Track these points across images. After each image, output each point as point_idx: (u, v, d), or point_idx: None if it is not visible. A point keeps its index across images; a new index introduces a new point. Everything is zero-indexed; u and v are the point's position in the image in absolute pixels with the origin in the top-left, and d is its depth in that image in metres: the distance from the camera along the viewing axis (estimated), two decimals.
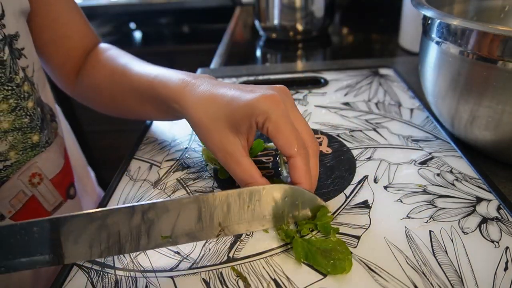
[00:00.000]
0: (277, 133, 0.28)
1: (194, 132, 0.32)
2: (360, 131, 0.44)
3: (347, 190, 0.35)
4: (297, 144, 0.28)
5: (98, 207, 0.35)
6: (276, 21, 0.81)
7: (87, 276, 0.28)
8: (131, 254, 0.30)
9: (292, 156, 0.28)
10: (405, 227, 0.30)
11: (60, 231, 0.23)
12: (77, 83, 0.45)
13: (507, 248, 0.28)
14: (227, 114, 0.29)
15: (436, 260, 0.27)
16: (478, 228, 0.30)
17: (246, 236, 0.31)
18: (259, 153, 0.41)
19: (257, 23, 0.86)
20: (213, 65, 0.76)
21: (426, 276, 0.26)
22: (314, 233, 0.30)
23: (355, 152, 0.40)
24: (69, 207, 0.43)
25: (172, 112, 0.36)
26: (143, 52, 1.50)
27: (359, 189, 0.35)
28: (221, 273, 0.28)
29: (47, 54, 0.43)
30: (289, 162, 0.29)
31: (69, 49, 0.44)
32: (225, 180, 0.37)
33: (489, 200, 0.32)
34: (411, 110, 0.48)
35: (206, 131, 0.30)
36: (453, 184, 0.35)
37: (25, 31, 0.37)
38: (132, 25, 1.54)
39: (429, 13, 0.36)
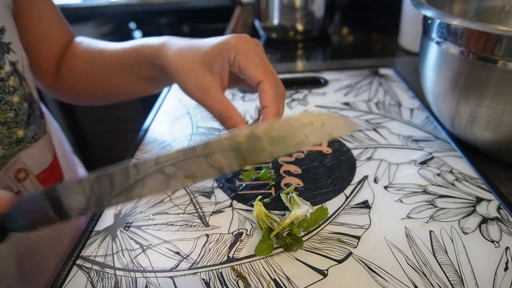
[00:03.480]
0: (247, 63, 0.31)
1: (180, 90, 0.34)
2: (360, 131, 0.44)
3: (347, 190, 0.35)
4: (266, 70, 0.31)
5: None
6: (276, 21, 0.81)
7: (87, 276, 0.28)
8: (131, 254, 0.30)
9: (261, 80, 0.30)
10: (405, 227, 0.30)
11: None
12: (57, 79, 0.46)
13: (507, 248, 0.28)
14: (202, 55, 0.32)
15: (436, 260, 0.27)
16: (478, 228, 0.30)
17: (246, 236, 0.31)
18: None
19: (257, 23, 0.86)
20: None
21: (426, 276, 0.26)
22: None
23: (355, 152, 0.40)
24: None
25: (155, 72, 0.38)
26: None
27: (359, 189, 0.35)
28: (221, 273, 0.28)
29: (30, 53, 0.43)
30: (258, 88, 0.31)
31: (51, 47, 0.44)
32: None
33: (489, 200, 0.32)
34: (411, 110, 0.48)
35: (185, 73, 0.33)
36: (453, 184, 0.35)
37: (12, 26, 0.37)
38: (132, 25, 1.54)
39: (429, 13, 0.36)
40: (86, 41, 0.46)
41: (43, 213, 0.24)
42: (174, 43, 0.35)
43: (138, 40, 0.40)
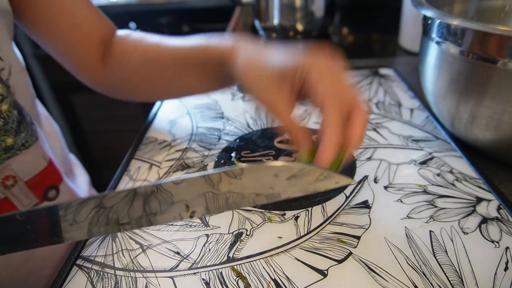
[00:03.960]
0: (315, 85, 0.29)
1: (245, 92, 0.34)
2: None
3: (347, 190, 0.35)
4: (331, 95, 0.29)
5: None
6: (276, 21, 0.81)
7: (87, 276, 0.28)
8: (131, 254, 0.30)
9: (322, 104, 0.29)
10: (405, 227, 0.30)
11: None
12: (105, 74, 0.44)
13: (507, 248, 0.28)
14: (273, 72, 0.31)
15: (436, 260, 0.27)
16: (478, 228, 0.30)
17: (246, 236, 0.31)
18: (258, 153, 0.41)
19: (257, 23, 0.86)
20: None
21: (426, 276, 0.26)
22: None
23: (355, 152, 0.40)
24: None
25: (221, 75, 0.37)
26: None
27: (359, 189, 0.35)
28: (221, 273, 0.28)
29: (61, 49, 0.42)
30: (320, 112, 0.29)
31: (81, 38, 0.42)
32: None
33: (489, 200, 0.32)
34: (411, 110, 0.48)
35: (255, 87, 0.32)
36: (453, 184, 0.35)
37: (2, 32, 0.36)
38: (132, 25, 1.54)
39: (429, 13, 0.36)
40: (136, 35, 0.44)
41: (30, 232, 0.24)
42: (243, 49, 0.34)
43: (199, 38, 0.39)
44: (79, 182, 0.51)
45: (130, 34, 0.44)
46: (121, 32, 0.44)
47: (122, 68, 0.43)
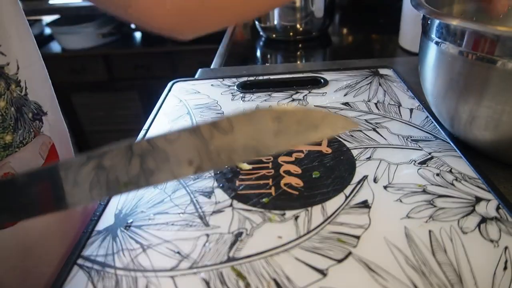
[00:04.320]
0: None
1: None
2: (360, 131, 0.44)
3: (347, 190, 0.35)
4: None
5: (96, 209, 0.35)
6: (276, 21, 0.82)
7: (88, 275, 0.28)
8: (131, 254, 0.30)
9: None
10: (405, 227, 0.30)
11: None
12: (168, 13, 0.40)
13: (506, 247, 0.28)
14: None
15: (436, 259, 0.27)
16: (477, 227, 0.30)
17: (246, 236, 0.31)
18: None
19: (257, 23, 0.86)
20: (213, 65, 0.76)
21: (425, 276, 0.26)
22: None
23: (355, 152, 0.40)
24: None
25: None
26: (143, 52, 1.50)
27: (359, 189, 0.35)
28: (221, 273, 0.28)
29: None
30: None
31: None
32: (226, 179, 0.37)
33: (489, 200, 0.33)
34: (411, 110, 0.48)
35: None
36: (452, 184, 0.35)
37: (3, 27, 0.35)
38: (132, 25, 1.54)
39: (428, 13, 0.36)
40: None
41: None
42: None
43: None
44: None
45: None
46: None
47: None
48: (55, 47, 1.54)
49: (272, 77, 0.59)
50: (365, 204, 0.33)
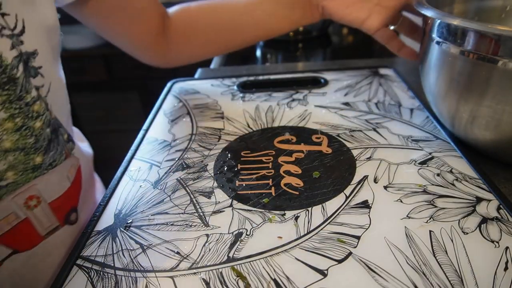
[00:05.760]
0: None
1: None
2: (360, 131, 0.44)
3: (347, 190, 0.35)
4: None
5: (96, 209, 0.35)
6: None
7: (87, 276, 0.28)
8: (131, 254, 0.30)
9: None
10: (405, 227, 0.30)
11: None
12: (170, 47, 0.47)
13: (507, 248, 0.28)
14: None
15: (436, 260, 0.27)
16: (478, 228, 0.30)
17: (246, 236, 0.31)
18: (258, 153, 0.41)
19: None
20: (213, 65, 0.76)
21: (426, 276, 0.26)
22: None
23: (355, 152, 0.40)
24: (66, 232, 0.39)
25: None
26: None
27: (359, 189, 0.35)
28: (221, 273, 0.28)
29: (126, 34, 0.44)
30: None
31: (147, 20, 0.45)
32: (226, 179, 0.37)
33: (489, 200, 0.32)
34: (411, 110, 0.48)
35: None
36: (453, 184, 0.35)
37: (46, 49, 0.35)
38: None
39: (429, 13, 0.36)
40: (193, 3, 0.48)
41: None
42: None
43: None
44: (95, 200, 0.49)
45: (186, 5, 0.48)
46: (175, 7, 0.49)
47: (185, 34, 0.47)
48: None
49: (272, 77, 0.59)
50: (365, 204, 0.33)
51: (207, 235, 0.31)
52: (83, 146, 0.46)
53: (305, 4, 0.47)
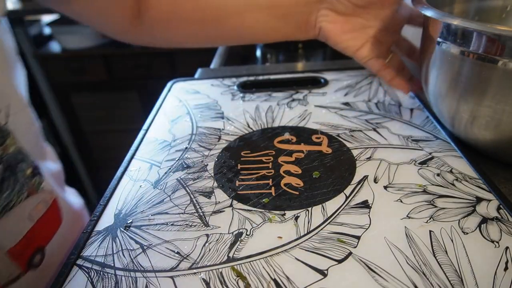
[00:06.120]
0: None
1: None
2: (360, 131, 0.44)
3: (347, 190, 0.35)
4: None
5: (96, 209, 0.35)
6: None
7: (87, 276, 0.28)
8: (131, 254, 0.30)
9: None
10: (405, 227, 0.30)
11: None
12: (141, 21, 0.44)
13: (507, 248, 0.28)
14: None
15: (436, 260, 0.27)
16: (478, 228, 0.30)
17: (246, 236, 0.31)
18: (258, 153, 0.41)
19: None
20: (213, 65, 0.76)
21: (426, 276, 0.26)
22: None
23: (355, 152, 0.40)
24: (29, 280, 0.33)
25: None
26: (143, 52, 1.50)
27: (359, 189, 0.35)
28: (221, 273, 0.28)
29: (98, 17, 0.42)
30: None
31: (120, 4, 0.42)
32: (226, 179, 0.37)
33: (489, 200, 0.32)
34: (411, 110, 0.48)
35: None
36: (453, 184, 0.35)
37: None
38: None
39: (429, 13, 0.36)
40: None
41: None
42: None
43: None
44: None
45: None
46: None
47: (170, 22, 0.43)
48: (55, 47, 1.54)
49: (272, 77, 0.59)
50: (365, 204, 0.33)
51: (207, 235, 0.31)
52: (54, 166, 0.41)
53: (300, 21, 0.43)
